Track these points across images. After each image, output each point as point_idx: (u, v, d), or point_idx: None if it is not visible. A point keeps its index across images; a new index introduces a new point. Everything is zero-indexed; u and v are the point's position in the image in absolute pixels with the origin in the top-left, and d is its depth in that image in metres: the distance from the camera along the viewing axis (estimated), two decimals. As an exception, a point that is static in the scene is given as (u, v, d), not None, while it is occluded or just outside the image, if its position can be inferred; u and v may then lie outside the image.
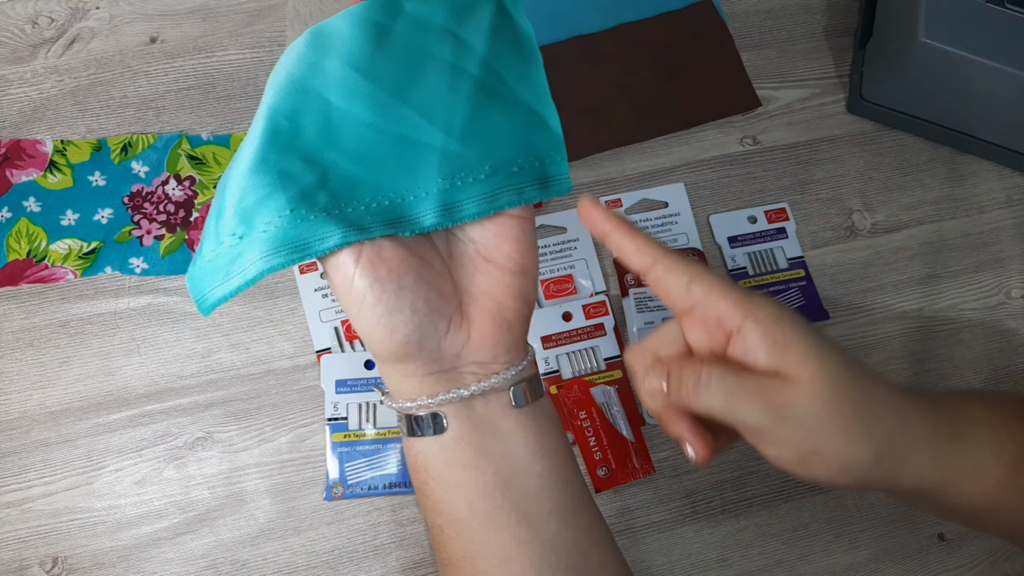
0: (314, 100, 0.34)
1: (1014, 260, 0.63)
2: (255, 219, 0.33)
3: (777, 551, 0.56)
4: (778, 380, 0.33)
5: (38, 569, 0.52)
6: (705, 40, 0.65)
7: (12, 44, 0.62)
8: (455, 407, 0.36)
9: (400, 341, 0.34)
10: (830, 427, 0.32)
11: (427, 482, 0.36)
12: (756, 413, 0.32)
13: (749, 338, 0.33)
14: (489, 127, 0.36)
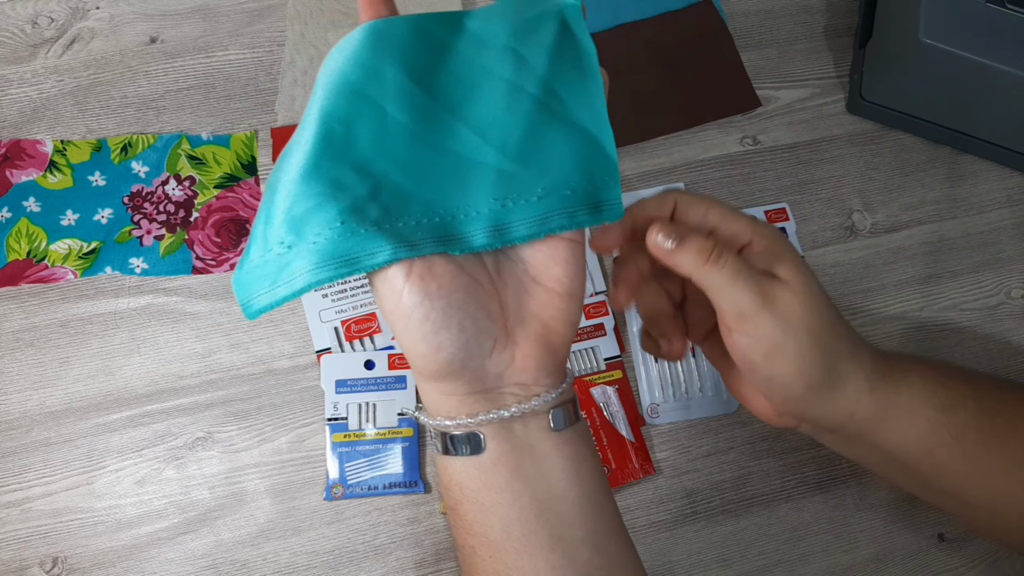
0: (369, 107, 0.34)
1: (1014, 260, 0.63)
2: (305, 229, 0.33)
3: (777, 551, 0.56)
4: (770, 277, 0.38)
5: (38, 569, 0.52)
6: (705, 40, 0.65)
7: (12, 44, 0.62)
8: (494, 428, 0.35)
9: (445, 360, 0.33)
10: (801, 328, 0.37)
11: (461, 502, 0.36)
12: (749, 297, 0.37)
13: (755, 248, 0.39)
14: (544, 148, 0.35)
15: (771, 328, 0.37)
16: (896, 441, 0.41)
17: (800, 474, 0.57)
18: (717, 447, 0.57)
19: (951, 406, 0.41)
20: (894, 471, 0.44)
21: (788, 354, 0.37)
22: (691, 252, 0.37)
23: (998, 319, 0.61)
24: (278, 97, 0.62)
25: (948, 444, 0.41)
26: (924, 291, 0.62)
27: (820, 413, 0.40)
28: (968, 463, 0.41)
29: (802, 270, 0.38)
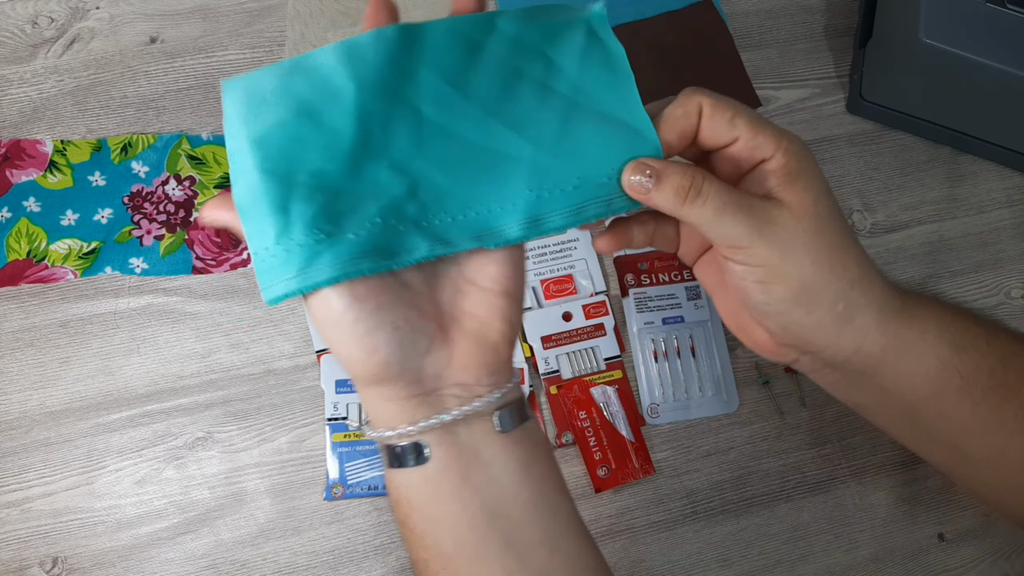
0: (405, 109, 0.35)
1: (1014, 260, 0.63)
2: (343, 222, 0.33)
3: (777, 551, 0.56)
4: (769, 202, 0.35)
5: (38, 569, 0.52)
6: (705, 40, 0.65)
7: (12, 44, 0.62)
8: (438, 435, 0.35)
9: (381, 361, 0.33)
10: (802, 250, 0.35)
11: (410, 515, 0.35)
12: (739, 229, 0.35)
13: (772, 164, 0.36)
14: (579, 140, 0.35)
15: (767, 254, 0.35)
16: (903, 381, 0.39)
17: (800, 474, 0.57)
18: (717, 447, 0.57)
19: (963, 346, 0.38)
20: (895, 417, 0.42)
21: (788, 278, 0.36)
22: (668, 192, 0.35)
23: (998, 319, 0.61)
24: (278, 97, 0.62)
25: (957, 387, 0.38)
26: (924, 291, 0.62)
27: (824, 344, 0.38)
28: (976, 409, 0.39)
29: (812, 191, 0.36)
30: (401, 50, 0.35)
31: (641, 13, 0.65)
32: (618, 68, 0.37)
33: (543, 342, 0.57)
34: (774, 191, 0.36)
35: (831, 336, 0.37)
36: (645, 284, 0.59)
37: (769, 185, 0.36)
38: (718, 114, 0.36)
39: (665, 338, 0.58)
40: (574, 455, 0.56)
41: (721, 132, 0.36)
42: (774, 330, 0.39)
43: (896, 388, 0.39)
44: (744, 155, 0.36)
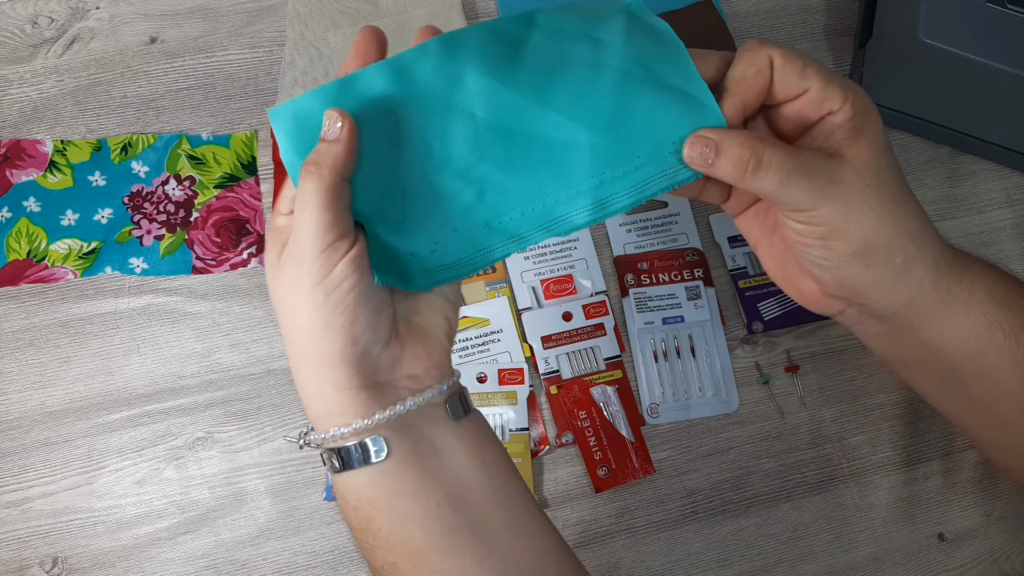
0: (460, 116, 0.35)
1: (1014, 260, 0.63)
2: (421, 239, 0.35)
3: (777, 551, 0.56)
4: (832, 159, 0.35)
5: (38, 569, 0.52)
6: (705, 40, 0.65)
7: (12, 44, 0.62)
8: (393, 429, 0.34)
9: (356, 335, 0.33)
10: (865, 207, 0.35)
11: (373, 517, 0.35)
12: (804, 195, 0.34)
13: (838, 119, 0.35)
14: (636, 114, 0.35)
15: (831, 215, 0.35)
16: (948, 335, 0.39)
17: (800, 474, 0.57)
18: (717, 447, 0.57)
19: (1009, 305, 0.39)
20: (934, 375, 0.42)
21: (850, 235, 0.35)
22: (728, 165, 0.34)
23: None
24: (278, 97, 0.62)
25: (1000, 346, 0.38)
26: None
27: (877, 296, 0.38)
28: (1016, 369, 0.39)
29: (875, 146, 0.35)
30: (445, 59, 0.35)
31: (641, 13, 0.65)
32: (667, 40, 0.36)
33: (543, 342, 0.57)
34: (839, 146, 0.35)
35: (886, 289, 0.37)
36: (645, 284, 0.59)
37: (835, 140, 0.36)
38: (789, 65, 0.35)
39: (665, 338, 0.58)
40: (574, 455, 0.56)
41: (793, 84, 0.35)
42: (828, 283, 0.38)
43: (939, 342, 0.39)
44: (812, 107, 0.36)
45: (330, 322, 0.33)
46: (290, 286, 0.33)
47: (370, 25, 0.36)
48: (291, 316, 0.34)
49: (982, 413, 0.41)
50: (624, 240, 0.60)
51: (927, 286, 0.37)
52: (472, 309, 0.58)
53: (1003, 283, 0.39)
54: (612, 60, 0.36)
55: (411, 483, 0.34)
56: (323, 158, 0.33)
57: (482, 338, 0.57)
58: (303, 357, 0.34)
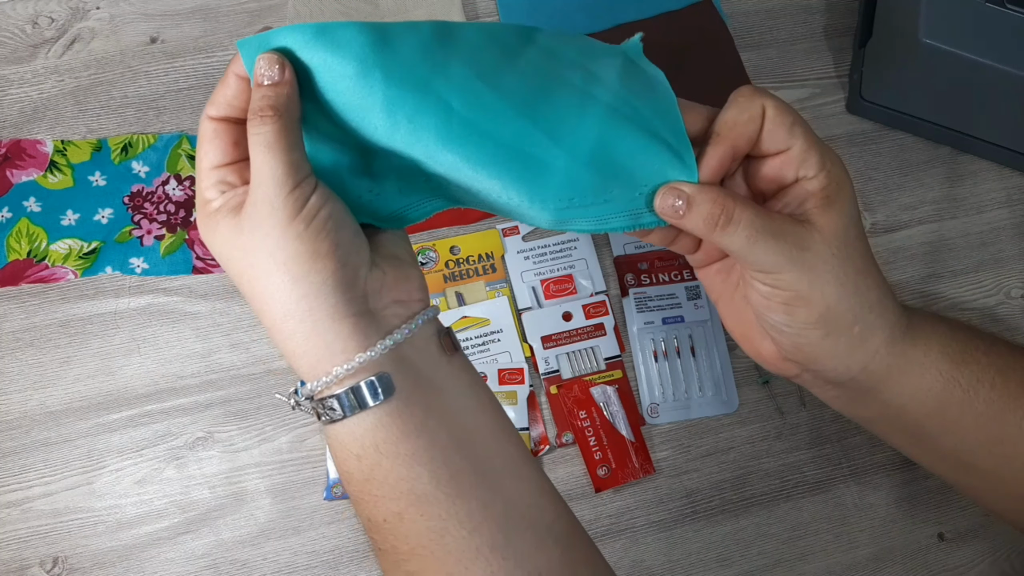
0: (434, 101, 0.34)
1: (1014, 260, 0.63)
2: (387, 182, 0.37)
3: (777, 551, 0.56)
4: (801, 226, 0.35)
5: (38, 569, 0.52)
6: (705, 40, 0.65)
7: (12, 44, 0.62)
8: (394, 362, 0.34)
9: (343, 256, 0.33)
10: (831, 276, 0.35)
11: (379, 463, 0.33)
12: (771, 257, 0.35)
13: (812, 185, 0.36)
14: (617, 151, 0.35)
15: (797, 280, 0.35)
16: (906, 396, 0.39)
17: (800, 474, 0.57)
18: (717, 447, 0.57)
19: (964, 360, 0.39)
20: (898, 431, 0.42)
21: (812, 303, 0.36)
22: (698, 219, 0.35)
23: (998, 319, 0.61)
24: (278, 97, 0.62)
25: (960, 401, 0.39)
26: (923, 291, 0.62)
27: (834, 363, 0.38)
28: (978, 421, 0.39)
29: (844, 216, 0.36)
30: (434, 44, 0.34)
31: (641, 13, 0.65)
32: (660, 88, 0.37)
33: (543, 342, 0.57)
34: (810, 213, 0.36)
35: (842, 357, 0.38)
36: (645, 284, 0.59)
37: (806, 206, 0.36)
38: (780, 118, 0.35)
39: (665, 338, 0.58)
40: (574, 455, 0.56)
41: (780, 139, 0.36)
42: (786, 348, 0.39)
43: (899, 403, 0.40)
44: (790, 168, 0.36)
45: (317, 248, 0.32)
46: (261, 234, 0.32)
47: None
48: (267, 264, 0.32)
49: (955, 463, 0.42)
50: (624, 240, 0.60)
51: (882, 353, 0.38)
52: (472, 309, 0.58)
53: (956, 339, 0.40)
54: (602, 95, 0.35)
55: (417, 422, 0.34)
56: (277, 100, 0.32)
57: (482, 338, 0.57)
58: (288, 302, 0.33)
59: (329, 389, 0.33)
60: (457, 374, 0.36)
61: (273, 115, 0.32)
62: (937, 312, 0.43)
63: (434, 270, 0.59)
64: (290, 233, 0.32)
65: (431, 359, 0.35)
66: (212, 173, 0.35)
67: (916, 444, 0.43)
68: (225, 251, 0.34)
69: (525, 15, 0.65)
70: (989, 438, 0.39)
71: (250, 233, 0.33)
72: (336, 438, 0.34)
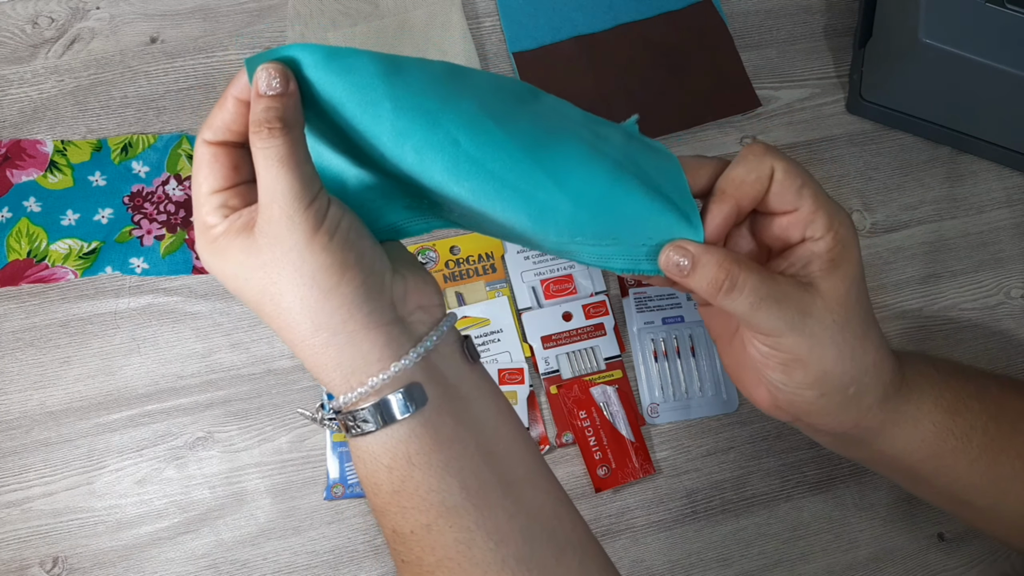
0: (442, 136, 0.33)
1: (1014, 260, 0.63)
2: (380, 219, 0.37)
3: (777, 551, 0.56)
4: (804, 289, 0.35)
5: (38, 569, 0.52)
6: (705, 40, 0.65)
7: (12, 44, 0.62)
8: (425, 372, 0.33)
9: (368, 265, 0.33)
10: (830, 342, 0.35)
11: (411, 475, 0.33)
12: (773, 322, 0.35)
13: (818, 247, 0.36)
14: (623, 207, 0.35)
15: (796, 345, 0.35)
16: (899, 447, 0.40)
17: (800, 474, 0.57)
18: (717, 447, 0.57)
19: (957, 409, 0.40)
20: (892, 472, 0.44)
21: (810, 366, 0.36)
22: (703, 282, 0.35)
23: (998, 319, 0.61)
24: (278, 97, 0.62)
25: (953, 448, 0.40)
26: (923, 291, 0.62)
27: (826, 420, 0.39)
28: (973, 465, 0.40)
29: (848, 279, 0.36)
30: (445, 80, 0.34)
31: (641, 13, 0.65)
32: (663, 154, 0.37)
33: (543, 342, 0.57)
34: (814, 276, 0.36)
35: (834, 414, 0.38)
36: (645, 284, 0.59)
37: (811, 269, 0.36)
38: (789, 180, 0.35)
39: (665, 338, 0.58)
40: (574, 455, 0.56)
41: (787, 200, 0.36)
42: (781, 400, 0.39)
43: (892, 452, 0.40)
44: (796, 228, 0.36)
45: (344, 259, 0.32)
46: (283, 249, 0.31)
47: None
48: (292, 279, 0.31)
49: (950, 499, 0.43)
50: (624, 240, 0.60)
51: (875, 410, 0.38)
52: (472, 309, 0.58)
53: (949, 388, 0.40)
54: (610, 151, 0.35)
55: (448, 432, 0.33)
56: (284, 112, 0.31)
57: (482, 338, 0.57)
58: (319, 315, 0.32)
59: (363, 401, 0.33)
60: (479, 383, 0.36)
61: (282, 128, 0.31)
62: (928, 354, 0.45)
63: (434, 270, 0.59)
64: (315, 246, 0.31)
65: (456, 367, 0.35)
66: (212, 198, 0.34)
67: (913, 483, 0.44)
68: (240, 272, 0.33)
69: (525, 15, 0.65)
70: (984, 480, 0.40)
71: (269, 250, 0.31)
72: (366, 450, 0.34)
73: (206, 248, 0.34)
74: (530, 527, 0.34)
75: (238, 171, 0.34)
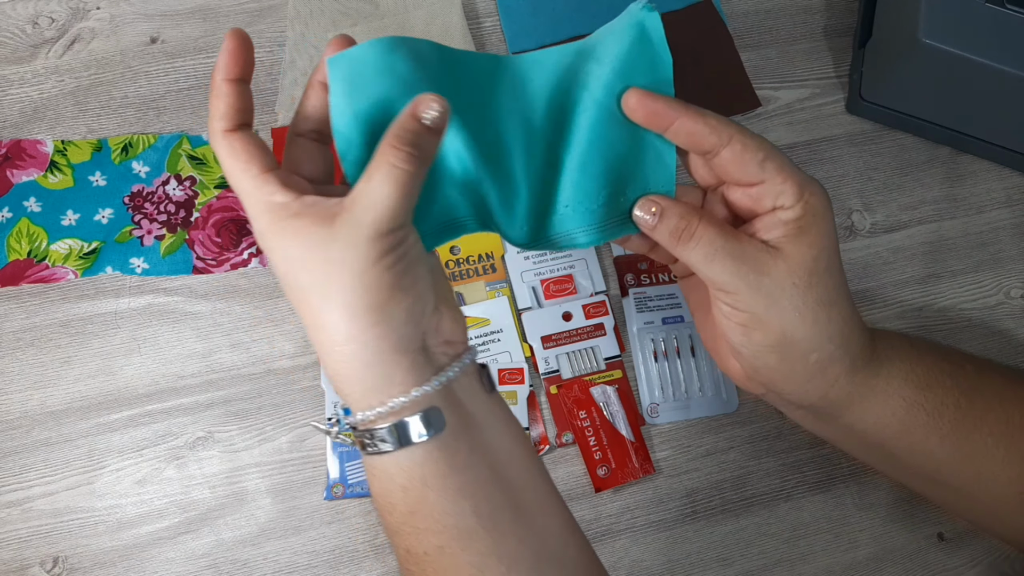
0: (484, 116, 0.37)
1: (1014, 260, 0.63)
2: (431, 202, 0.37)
3: (777, 551, 0.56)
4: (766, 251, 0.36)
5: (39, 569, 0.52)
6: (705, 40, 0.65)
7: (13, 44, 0.62)
8: (444, 398, 0.34)
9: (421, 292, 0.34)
10: (788, 304, 0.36)
11: (425, 497, 0.33)
12: (727, 274, 0.36)
13: (786, 215, 0.36)
14: (610, 160, 0.38)
15: (752, 302, 0.36)
16: (869, 421, 0.40)
17: (800, 474, 0.57)
18: (717, 447, 0.57)
19: (929, 384, 0.40)
20: (864, 450, 0.43)
21: (768, 327, 0.36)
22: (664, 231, 0.37)
23: (997, 319, 0.61)
24: (278, 97, 0.62)
25: (924, 424, 0.40)
26: (923, 291, 0.62)
27: (791, 388, 0.39)
28: (944, 442, 0.40)
29: (816, 247, 0.36)
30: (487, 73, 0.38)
31: (641, 13, 0.65)
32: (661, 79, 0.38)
33: (543, 342, 0.57)
34: (780, 241, 0.36)
35: (798, 383, 0.39)
36: (645, 284, 0.59)
37: (775, 233, 0.36)
38: (749, 153, 0.36)
39: (665, 338, 0.58)
40: (574, 455, 0.56)
41: (750, 172, 0.36)
42: (745, 368, 0.40)
43: (862, 427, 0.41)
44: (766, 199, 0.37)
45: (401, 282, 0.32)
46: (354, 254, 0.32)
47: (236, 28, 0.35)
48: (349, 285, 0.32)
49: (923, 480, 0.43)
50: (624, 240, 0.60)
51: (842, 382, 0.39)
52: (472, 309, 0.58)
53: (922, 363, 0.41)
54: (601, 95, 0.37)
55: (464, 457, 0.34)
56: (423, 144, 0.32)
57: (482, 338, 0.57)
58: (355, 327, 0.32)
59: (381, 420, 0.33)
60: (494, 410, 0.37)
61: (418, 158, 0.32)
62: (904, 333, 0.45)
63: (434, 270, 0.59)
64: (384, 262, 0.32)
65: (474, 396, 0.36)
66: (271, 177, 0.34)
67: (886, 462, 0.44)
68: (303, 258, 0.33)
69: (525, 15, 0.65)
70: (956, 457, 0.40)
71: (342, 250, 0.32)
72: (382, 469, 0.34)
73: (273, 225, 0.33)
74: (540, 552, 0.35)
75: (269, 153, 0.35)
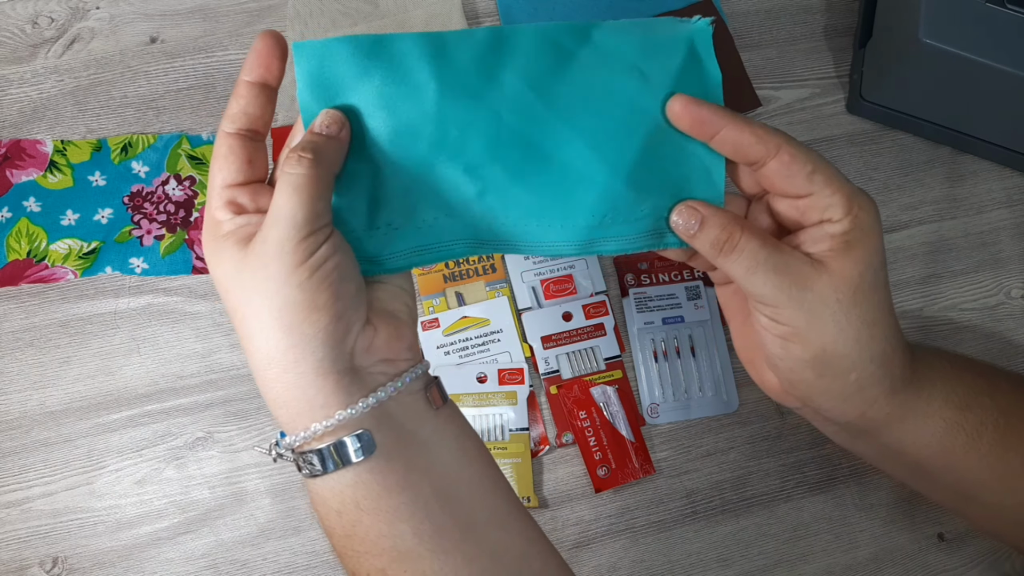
0: (486, 113, 0.35)
1: (1014, 260, 0.63)
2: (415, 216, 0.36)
3: (777, 551, 0.56)
4: (810, 264, 0.35)
5: (38, 569, 0.52)
6: (705, 40, 0.65)
7: (12, 44, 0.62)
8: (376, 419, 0.33)
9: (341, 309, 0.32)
10: (831, 320, 0.35)
11: (360, 520, 0.33)
12: (769, 287, 0.35)
13: (833, 228, 0.35)
14: (655, 173, 0.36)
15: (795, 317, 0.35)
16: (907, 441, 0.39)
17: (800, 474, 0.57)
18: (717, 447, 0.57)
19: (968, 405, 0.39)
20: (899, 468, 0.43)
21: (809, 342, 0.35)
22: (706, 241, 0.35)
23: (998, 319, 0.61)
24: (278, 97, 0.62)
25: (964, 444, 0.39)
26: (924, 291, 0.62)
27: (829, 405, 0.38)
28: (983, 462, 0.39)
29: (863, 263, 0.35)
30: (488, 52, 0.35)
31: (641, 13, 0.65)
32: (712, 96, 0.36)
33: (543, 342, 0.57)
34: (823, 254, 0.35)
35: (836, 400, 0.38)
36: (645, 284, 0.59)
37: (821, 247, 0.35)
38: (797, 165, 0.35)
39: (665, 338, 0.58)
40: (574, 455, 0.56)
41: (798, 184, 0.35)
42: (783, 381, 0.39)
43: (899, 447, 0.40)
44: (814, 211, 0.36)
45: (315, 300, 0.32)
46: (264, 275, 0.32)
47: (270, 30, 0.35)
48: (261, 308, 0.32)
49: (952, 494, 0.42)
50: (624, 240, 0.60)
51: (881, 402, 0.38)
52: (472, 309, 0.58)
53: (961, 382, 0.40)
54: (652, 107, 0.36)
55: (398, 478, 0.33)
56: (324, 148, 0.32)
57: (482, 338, 0.57)
58: (274, 350, 0.32)
59: (309, 443, 0.33)
60: (443, 427, 0.36)
61: (312, 160, 0.32)
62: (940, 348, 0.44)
63: (434, 270, 0.59)
64: (292, 280, 0.31)
65: (416, 414, 0.35)
66: (224, 192, 0.34)
67: (918, 479, 0.43)
68: (225, 282, 0.33)
69: (525, 15, 0.65)
70: (993, 476, 0.40)
71: (252, 272, 0.32)
72: (317, 492, 0.34)
73: (210, 244, 0.34)
74: (492, 569, 0.34)
75: (252, 165, 0.35)
